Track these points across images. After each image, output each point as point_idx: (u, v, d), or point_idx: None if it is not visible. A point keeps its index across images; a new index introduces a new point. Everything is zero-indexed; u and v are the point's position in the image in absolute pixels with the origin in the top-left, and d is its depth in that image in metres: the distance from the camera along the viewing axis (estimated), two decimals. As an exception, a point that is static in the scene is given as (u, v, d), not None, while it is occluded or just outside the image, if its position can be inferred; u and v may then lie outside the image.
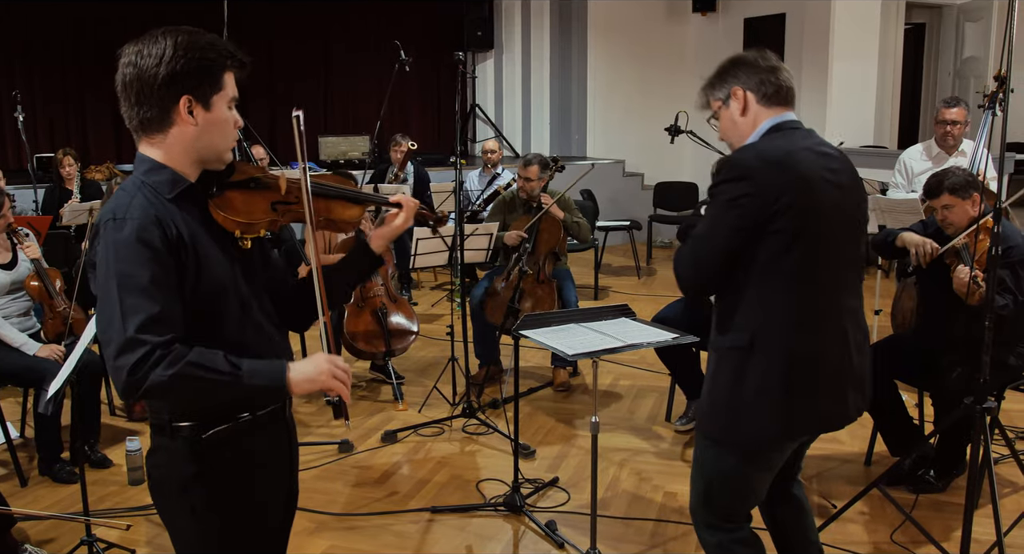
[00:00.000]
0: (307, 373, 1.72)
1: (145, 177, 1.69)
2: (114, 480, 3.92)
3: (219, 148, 1.74)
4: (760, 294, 2.16)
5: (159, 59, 1.63)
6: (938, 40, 10.84)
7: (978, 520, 2.93)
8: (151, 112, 1.67)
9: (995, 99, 4.72)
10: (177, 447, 1.75)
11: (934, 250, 3.58)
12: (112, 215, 1.62)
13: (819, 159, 2.17)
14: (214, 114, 1.70)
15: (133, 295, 1.56)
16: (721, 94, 2.31)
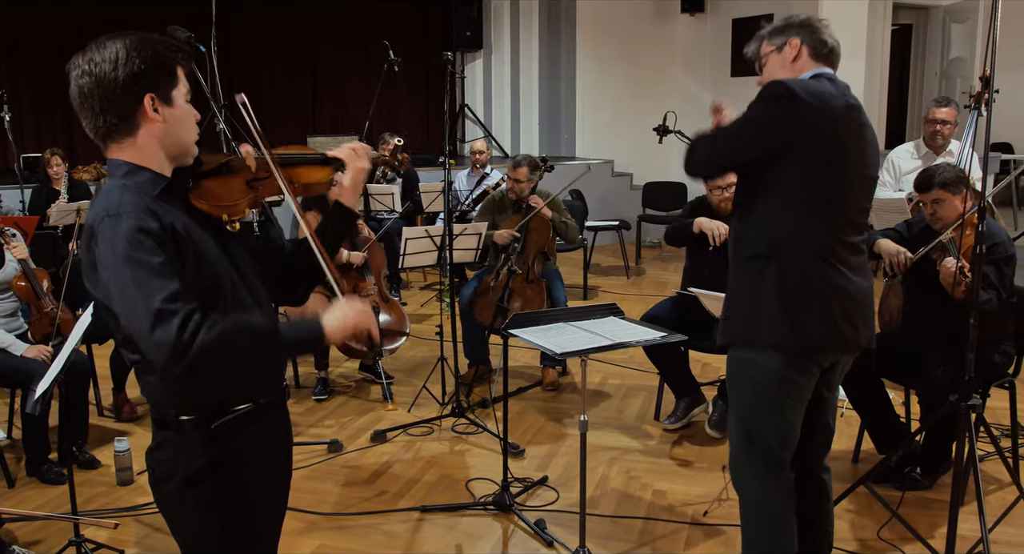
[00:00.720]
0: (338, 319, 1.77)
1: (125, 180, 1.69)
2: (102, 480, 3.91)
3: (186, 142, 1.76)
4: (783, 212, 2.40)
5: (114, 63, 1.64)
6: (925, 41, 10.91)
7: (963, 517, 2.95)
8: (116, 117, 1.67)
9: (980, 99, 4.76)
10: (184, 441, 1.77)
11: (908, 261, 3.62)
12: (106, 213, 1.62)
13: (851, 111, 2.40)
14: (176, 109, 1.72)
15: (150, 278, 1.56)
16: (778, 41, 2.54)
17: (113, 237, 1.58)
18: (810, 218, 2.39)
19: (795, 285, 2.39)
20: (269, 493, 1.94)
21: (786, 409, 2.51)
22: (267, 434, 1.90)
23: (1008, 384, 3.82)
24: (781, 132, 2.35)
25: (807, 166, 2.36)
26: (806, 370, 2.49)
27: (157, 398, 1.79)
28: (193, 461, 1.76)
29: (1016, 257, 3.57)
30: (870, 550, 3.26)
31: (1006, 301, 3.53)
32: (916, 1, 10.47)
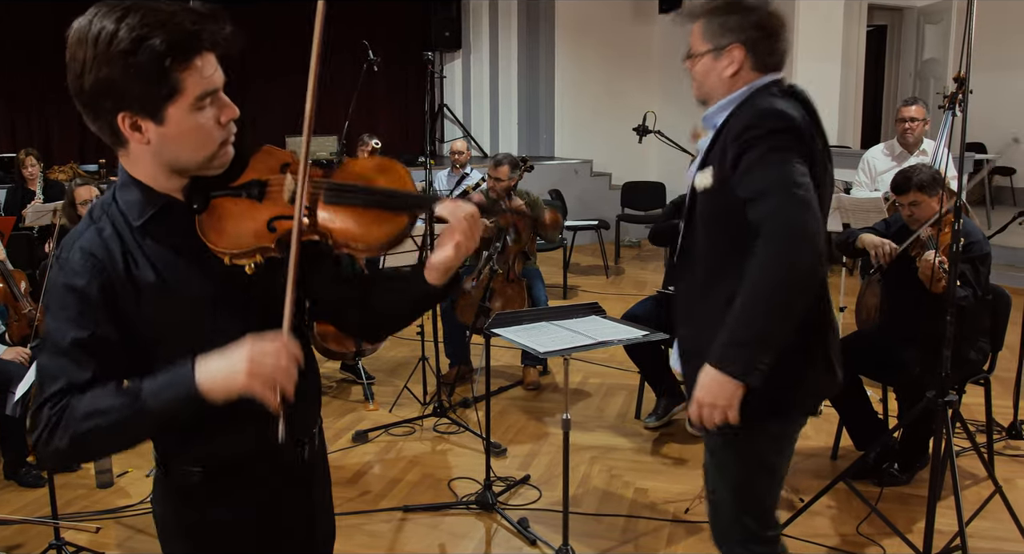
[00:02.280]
0: (220, 372, 1.30)
1: (119, 194, 1.41)
2: (82, 483, 3.88)
3: (189, 161, 1.36)
4: None
5: (81, 64, 1.26)
6: (899, 42, 11.02)
7: (941, 511, 2.99)
8: (97, 125, 1.33)
9: (955, 100, 4.83)
10: (171, 489, 1.53)
11: (892, 251, 3.66)
12: (62, 248, 1.38)
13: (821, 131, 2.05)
14: (170, 127, 1.30)
15: (57, 356, 1.33)
16: (716, 42, 2.08)
17: (52, 285, 1.37)
18: None
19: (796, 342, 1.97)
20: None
21: (777, 469, 2.20)
22: (271, 497, 1.56)
23: (983, 380, 3.87)
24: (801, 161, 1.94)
25: None
26: (798, 422, 2.21)
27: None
28: (182, 513, 1.54)
29: (991, 255, 3.62)
30: (850, 545, 3.29)
31: (981, 298, 3.58)
32: (890, 2, 10.58)
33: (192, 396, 1.30)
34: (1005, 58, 8.95)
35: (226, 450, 1.49)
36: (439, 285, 1.49)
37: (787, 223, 1.88)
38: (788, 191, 1.88)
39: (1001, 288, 3.87)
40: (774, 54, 2.07)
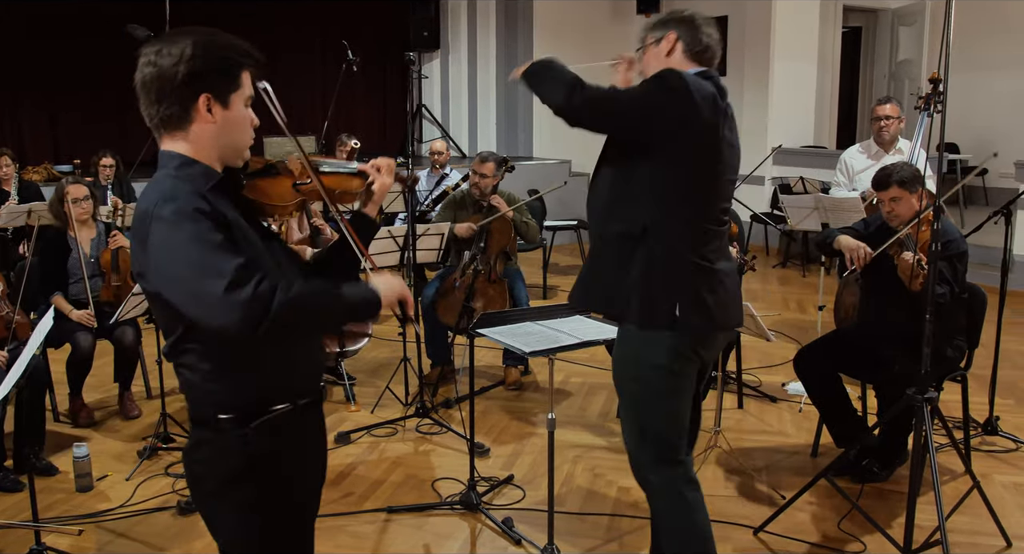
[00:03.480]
0: (385, 284, 1.80)
1: (177, 172, 1.72)
2: (61, 487, 3.84)
3: (239, 145, 1.80)
4: (656, 192, 2.42)
5: (179, 58, 1.68)
6: (874, 43, 11.14)
7: (919, 507, 3.02)
8: (172, 109, 1.70)
9: (930, 101, 4.90)
10: (223, 441, 1.77)
11: (867, 255, 3.70)
12: (161, 197, 1.64)
13: (724, 119, 2.45)
14: (232, 112, 1.75)
15: (215, 252, 1.59)
16: (657, 34, 2.58)
17: (173, 219, 1.60)
18: (682, 204, 2.43)
19: (666, 266, 2.43)
20: (306, 492, 1.96)
21: (676, 394, 2.55)
22: (305, 435, 1.91)
23: (960, 377, 3.93)
24: (667, 119, 2.37)
25: (686, 153, 2.39)
26: (689, 357, 2.53)
27: (196, 395, 1.79)
28: (232, 461, 1.77)
29: (968, 253, 3.67)
30: (831, 541, 3.33)
31: (958, 296, 3.63)
32: (865, 4, 10.69)
33: (376, 299, 1.77)
34: (978, 59, 9.08)
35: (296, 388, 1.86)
36: (373, 217, 2.08)
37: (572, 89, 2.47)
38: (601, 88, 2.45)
39: (977, 286, 3.93)
40: (700, 44, 2.53)
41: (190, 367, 1.76)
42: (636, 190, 2.45)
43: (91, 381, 4.69)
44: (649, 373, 2.51)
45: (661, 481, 2.58)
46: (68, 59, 9.31)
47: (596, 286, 2.57)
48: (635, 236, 2.44)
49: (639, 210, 2.44)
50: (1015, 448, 4.15)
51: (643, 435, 2.58)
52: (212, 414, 1.76)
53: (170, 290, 1.64)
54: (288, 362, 1.82)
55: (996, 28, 9.16)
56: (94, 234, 4.80)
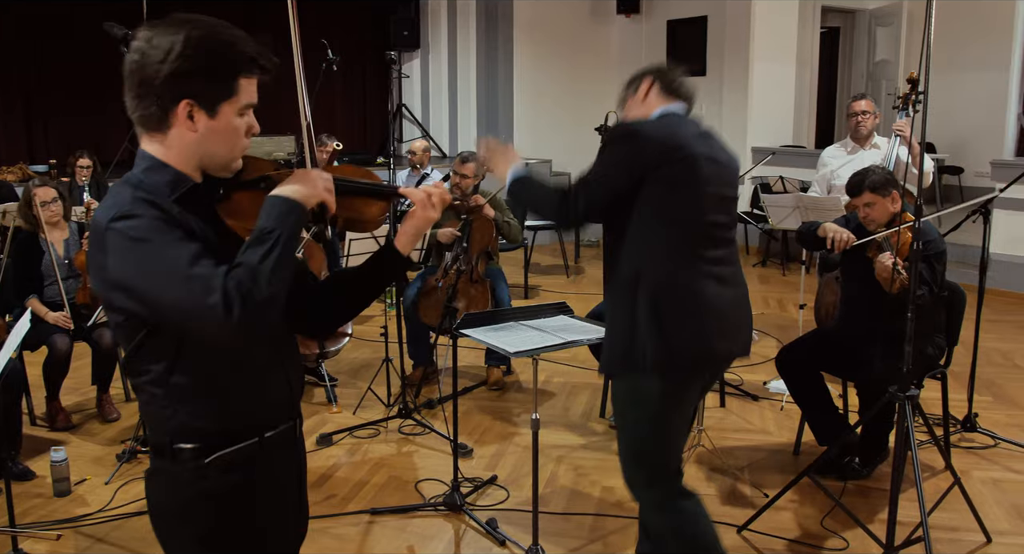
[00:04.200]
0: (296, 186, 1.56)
1: (144, 176, 1.54)
2: (38, 492, 3.79)
3: (221, 158, 1.58)
4: (642, 236, 2.47)
5: (165, 53, 1.48)
6: (851, 43, 11.22)
7: (901, 503, 3.04)
8: (150, 109, 1.52)
9: (907, 100, 4.94)
10: (178, 471, 1.61)
11: (850, 239, 3.72)
12: (116, 211, 1.47)
13: (699, 138, 2.52)
14: (219, 122, 1.54)
15: (173, 250, 1.43)
16: (634, 87, 2.69)
17: (127, 228, 1.45)
18: (670, 243, 2.46)
19: (663, 307, 2.44)
20: (272, 533, 1.75)
21: (673, 425, 2.59)
22: (272, 468, 1.71)
23: (940, 375, 3.95)
24: (634, 165, 2.43)
25: (658, 191, 2.43)
26: (689, 386, 2.58)
27: (153, 421, 1.64)
28: (187, 494, 1.62)
29: (946, 253, 3.70)
30: (814, 539, 3.34)
31: (937, 295, 3.66)
32: (843, 5, 10.76)
33: (301, 208, 1.53)
34: (953, 60, 9.17)
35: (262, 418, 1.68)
36: (406, 254, 1.79)
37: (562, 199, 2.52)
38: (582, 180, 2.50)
39: (956, 284, 3.96)
40: (675, 81, 2.64)
41: (147, 389, 1.60)
42: (626, 240, 2.49)
43: (68, 384, 4.64)
44: (652, 405, 2.53)
45: (652, 497, 2.62)
46: (45, 59, 9.21)
47: (613, 347, 2.56)
48: (631, 283, 2.47)
49: (632, 258, 2.48)
50: (993, 444, 4.19)
51: (640, 456, 2.60)
52: (168, 442, 1.61)
53: (141, 295, 1.47)
54: (256, 387, 1.66)
55: (972, 29, 9.24)
56: (67, 235, 4.74)
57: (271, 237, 1.48)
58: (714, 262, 2.52)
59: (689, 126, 2.55)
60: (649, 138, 2.46)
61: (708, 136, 2.57)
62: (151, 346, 1.55)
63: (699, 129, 2.57)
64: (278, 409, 1.72)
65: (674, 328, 2.44)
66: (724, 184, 2.56)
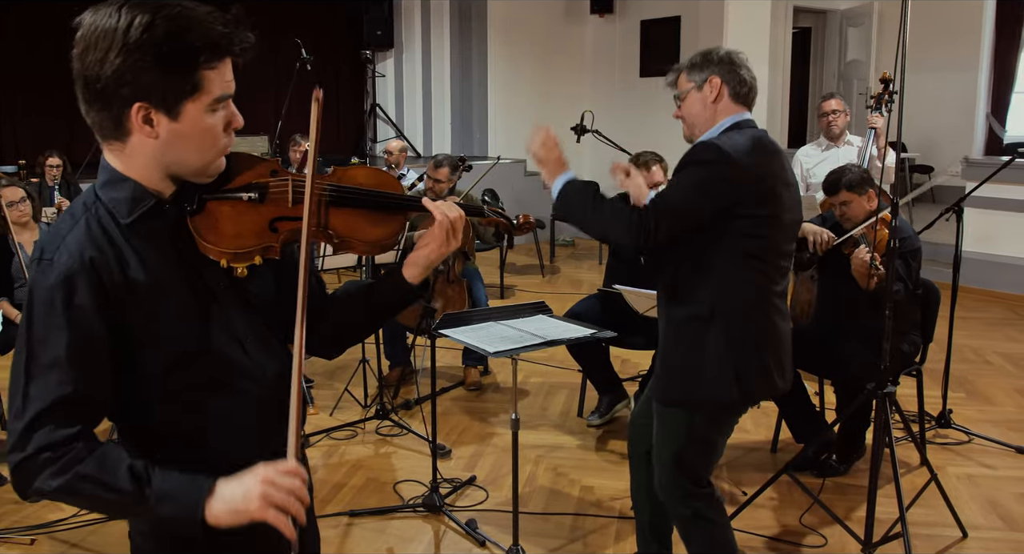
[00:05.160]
0: (233, 501, 1.27)
1: (102, 192, 1.34)
2: (10, 497, 3.71)
3: (194, 164, 1.34)
4: (722, 270, 2.38)
5: (105, 50, 1.22)
6: (823, 44, 11.32)
7: (878, 500, 3.06)
8: (101, 114, 1.28)
9: (880, 100, 5.00)
10: (163, 530, 1.42)
11: (830, 238, 3.75)
12: (41, 253, 1.30)
13: (776, 158, 2.43)
14: (183, 124, 1.28)
15: (42, 370, 1.26)
16: (697, 78, 2.48)
17: (34, 288, 1.28)
18: (747, 276, 2.39)
19: (738, 345, 2.40)
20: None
21: (717, 444, 2.62)
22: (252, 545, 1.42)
23: (915, 372, 3.99)
24: (720, 195, 2.32)
25: (743, 224, 2.35)
26: (738, 412, 2.61)
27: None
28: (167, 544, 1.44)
29: (921, 250, 3.74)
30: (793, 536, 3.36)
31: (912, 292, 3.69)
32: (814, 5, 10.85)
33: (193, 519, 1.27)
34: (923, 60, 9.26)
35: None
36: (416, 284, 1.55)
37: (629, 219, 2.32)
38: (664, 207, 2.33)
39: (930, 282, 4.00)
40: (744, 84, 2.47)
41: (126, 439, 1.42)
42: (701, 270, 2.41)
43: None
44: (704, 432, 2.54)
45: (689, 509, 2.62)
46: (12, 58, 9.07)
47: (674, 376, 2.51)
48: (704, 316, 2.40)
49: (707, 290, 2.40)
50: (967, 440, 4.24)
51: (679, 471, 2.58)
52: None
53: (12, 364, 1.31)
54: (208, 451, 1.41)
55: (941, 30, 9.36)
56: (37, 237, 4.67)
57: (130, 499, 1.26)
58: (780, 296, 2.49)
59: (768, 146, 2.41)
60: (740, 163, 2.31)
61: (780, 153, 2.46)
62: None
63: (774, 147, 2.45)
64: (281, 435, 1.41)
65: (745, 369, 2.42)
66: (795, 208, 2.49)
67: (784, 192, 2.41)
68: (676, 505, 2.64)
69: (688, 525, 2.65)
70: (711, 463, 2.65)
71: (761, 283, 2.42)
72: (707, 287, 2.39)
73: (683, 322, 2.46)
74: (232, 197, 1.38)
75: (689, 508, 2.61)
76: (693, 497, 2.60)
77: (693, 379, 2.45)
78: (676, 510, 2.66)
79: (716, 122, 2.46)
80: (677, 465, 2.57)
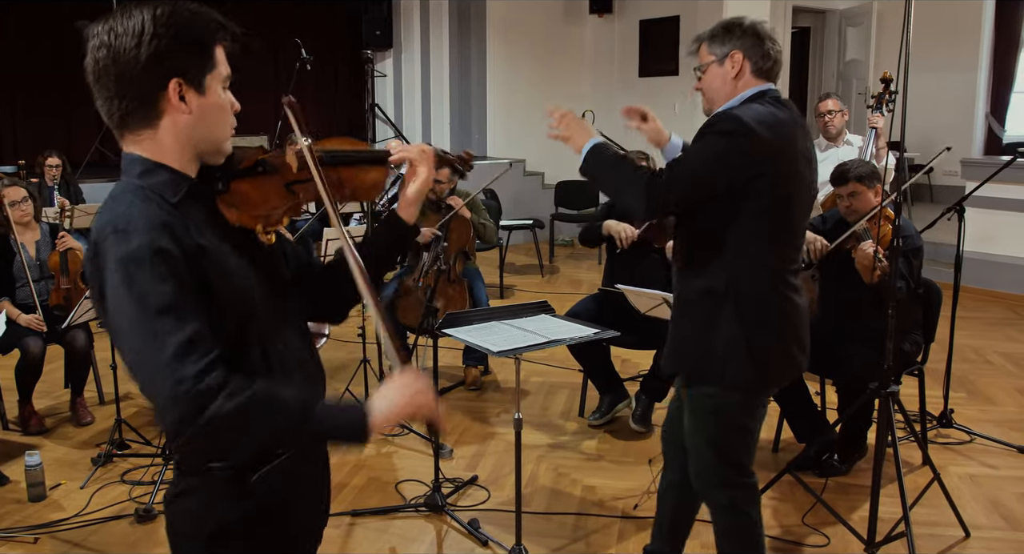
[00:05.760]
0: (389, 410, 1.45)
1: (141, 180, 1.44)
2: (12, 497, 3.72)
3: (218, 137, 1.50)
4: (739, 246, 2.33)
5: (137, 37, 1.37)
6: (822, 43, 11.32)
7: (880, 499, 3.06)
8: (135, 103, 1.41)
9: (881, 99, 5.01)
10: (213, 492, 1.50)
11: (824, 247, 3.75)
12: (113, 227, 1.35)
13: (800, 132, 2.38)
14: (209, 98, 1.45)
15: (160, 318, 1.30)
16: (719, 51, 2.42)
17: (119, 259, 1.33)
18: (765, 252, 2.35)
19: (754, 322, 2.36)
20: (304, 537, 1.69)
21: (753, 430, 2.57)
22: (307, 479, 1.65)
23: (917, 371, 3.99)
24: (738, 167, 2.26)
25: (762, 201, 2.30)
26: (766, 394, 2.60)
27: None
28: (225, 515, 1.51)
29: (923, 249, 3.74)
30: (795, 536, 3.36)
31: (914, 291, 3.70)
32: (813, 5, 10.85)
33: (361, 434, 1.43)
34: (922, 60, 9.23)
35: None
36: (411, 223, 1.74)
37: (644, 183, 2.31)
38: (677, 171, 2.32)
39: (932, 281, 4.00)
40: (767, 59, 2.40)
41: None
42: (718, 246, 2.36)
43: (41, 387, 4.56)
44: (731, 416, 2.50)
45: (730, 500, 2.58)
46: (12, 58, 9.06)
47: (687, 351, 2.50)
48: (720, 293, 2.37)
49: (724, 266, 2.36)
50: (969, 440, 4.24)
51: (718, 459, 2.55)
52: (203, 461, 1.49)
53: (119, 343, 1.37)
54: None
55: (941, 30, 9.36)
56: (38, 236, 4.67)
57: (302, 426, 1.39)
58: (795, 273, 2.45)
59: (790, 123, 2.35)
60: (761, 137, 2.25)
61: (802, 126, 2.41)
62: None
63: (797, 118, 2.40)
64: None
65: (762, 346, 2.37)
66: (813, 186, 2.46)
67: (805, 169, 2.37)
68: (713, 493, 2.59)
69: (724, 516, 2.61)
70: (750, 448, 2.57)
71: (778, 263, 2.38)
72: (723, 262, 2.35)
73: (697, 294, 2.43)
74: (249, 173, 1.55)
75: (726, 497, 2.57)
76: (731, 486, 2.56)
77: (707, 357, 2.41)
78: (713, 498, 2.61)
79: (736, 95, 2.41)
80: (715, 451, 2.53)
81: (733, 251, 2.34)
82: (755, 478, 2.61)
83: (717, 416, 2.50)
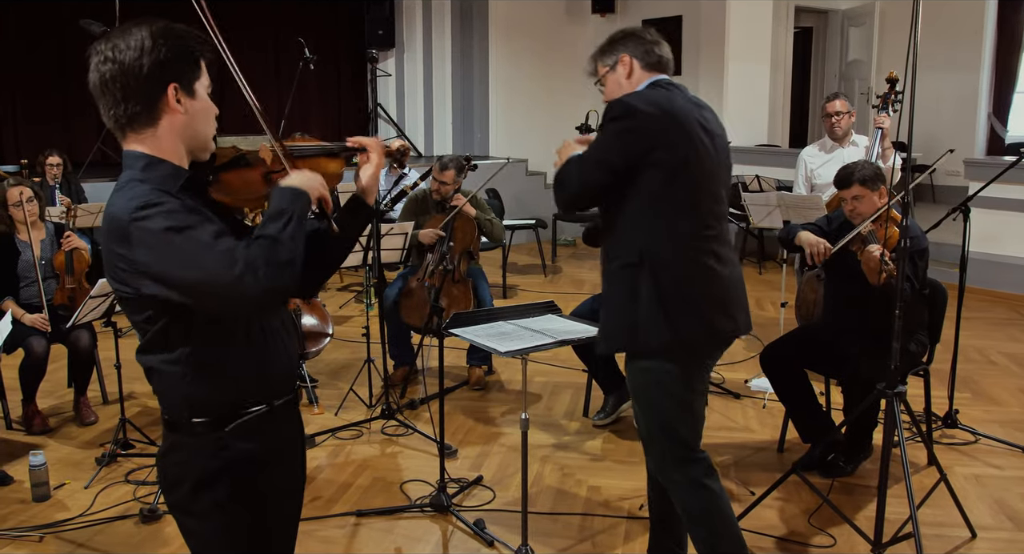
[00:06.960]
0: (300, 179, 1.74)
1: (144, 174, 1.66)
2: (16, 497, 3.72)
3: (205, 136, 1.76)
4: (645, 218, 2.49)
5: (140, 50, 1.63)
6: (824, 43, 11.32)
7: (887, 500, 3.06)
8: (138, 106, 1.65)
9: (887, 100, 5.00)
10: (197, 444, 1.76)
11: (827, 250, 3.74)
12: (137, 202, 1.58)
13: (694, 108, 2.52)
14: (198, 101, 1.72)
15: (198, 234, 1.55)
16: (609, 61, 2.64)
17: (151, 220, 1.56)
18: (672, 220, 2.48)
19: (669, 288, 2.48)
20: (283, 493, 1.93)
21: (693, 404, 2.65)
22: (280, 435, 1.89)
23: (922, 372, 3.99)
24: (633, 146, 2.43)
25: (661, 171, 2.44)
26: (701, 365, 2.66)
27: (170, 398, 1.77)
28: (207, 464, 1.75)
29: (928, 250, 3.73)
30: (801, 536, 3.36)
31: (919, 292, 3.69)
32: (816, 5, 10.85)
33: (307, 196, 1.71)
34: (926, 60, 9.21)
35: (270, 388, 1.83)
36: (371, 203, 1.97)
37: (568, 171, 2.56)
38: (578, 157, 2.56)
39: (938, 282, 3.99)
40: (651, 54, 2.61)
41: (163, 369, 1.73)
42: (629, 220, 2.51)
43: (45, 387, 4.56)
44: (667, 386, 2.58)
45: (685, 477, 2.64)
46: (12, 59, 9.06)
47: (613, 326, 2.61)
48: (634, 264, 2.50)
49: (635, 239, 2.50)
50: (974, 440, 4.24)
51: (665, 438, 2.63)
52: (186, 417, 1.75)
53: (176, 280, 1.57)
54: (262, 361, 1.81)
55: (943, 30, 9.36)
56: (44, 235, 4.66)
57: (286, 214, 1.64)
58: (712, 240, 2.54)
59: (677, 99, 2.51)
60: (646, 112, 2.43)
61: (700, 104, 2.57)
62: (172, 329, 1.67)
63: (690, 96, 2.56)
64: (283, 381, 1.88)
65: (678, 311, 2.48)
66: (719, 156, 2.57)
67: (703, 135, 2.48)
68: (671, 474, 2.66)
69: (687, 494, 2.66)
70: (696, 428, 2.66)
71: (693, 229, 2.49)
72: (637, 235, 2.49)
73: (617, 271, 2.56)
74: (234, 166, 1.82)
75: (683, 474, 2.64)
76: (684, 462, 2.63)
77: (631, 327, 2.52)
78: (672, 479, 2.67)
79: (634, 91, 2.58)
80: (663, 432, 2.62)
81: (646, 224, 2.49)
82: (705, 453, 2.68)
83: (654, 389, 2.59)
